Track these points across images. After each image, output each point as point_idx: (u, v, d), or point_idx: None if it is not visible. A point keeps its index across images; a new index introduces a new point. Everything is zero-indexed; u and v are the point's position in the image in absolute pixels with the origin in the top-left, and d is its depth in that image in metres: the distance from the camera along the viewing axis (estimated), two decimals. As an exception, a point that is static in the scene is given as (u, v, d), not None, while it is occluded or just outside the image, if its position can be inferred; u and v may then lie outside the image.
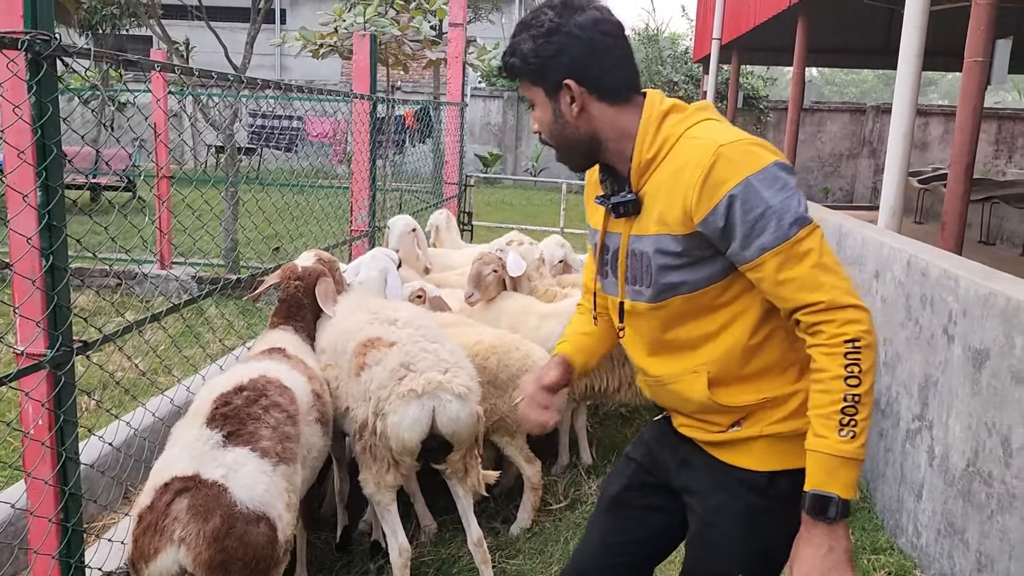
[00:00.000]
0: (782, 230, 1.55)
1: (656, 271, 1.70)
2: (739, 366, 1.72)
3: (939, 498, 3.32)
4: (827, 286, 1.56)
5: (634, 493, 1.96)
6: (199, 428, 2.39)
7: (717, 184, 1.57)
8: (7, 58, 1.95)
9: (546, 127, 1.74)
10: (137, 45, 21.64)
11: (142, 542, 2.16)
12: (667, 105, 1.71)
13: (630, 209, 1.72)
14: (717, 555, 1.78)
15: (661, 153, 1.67)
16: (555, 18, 1.65)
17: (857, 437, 1.54)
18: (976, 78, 5.12)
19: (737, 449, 1.76)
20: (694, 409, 1.79)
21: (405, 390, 2.78)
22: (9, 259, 2.05)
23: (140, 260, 7.92)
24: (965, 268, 3.39)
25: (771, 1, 10.61)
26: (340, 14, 11.20)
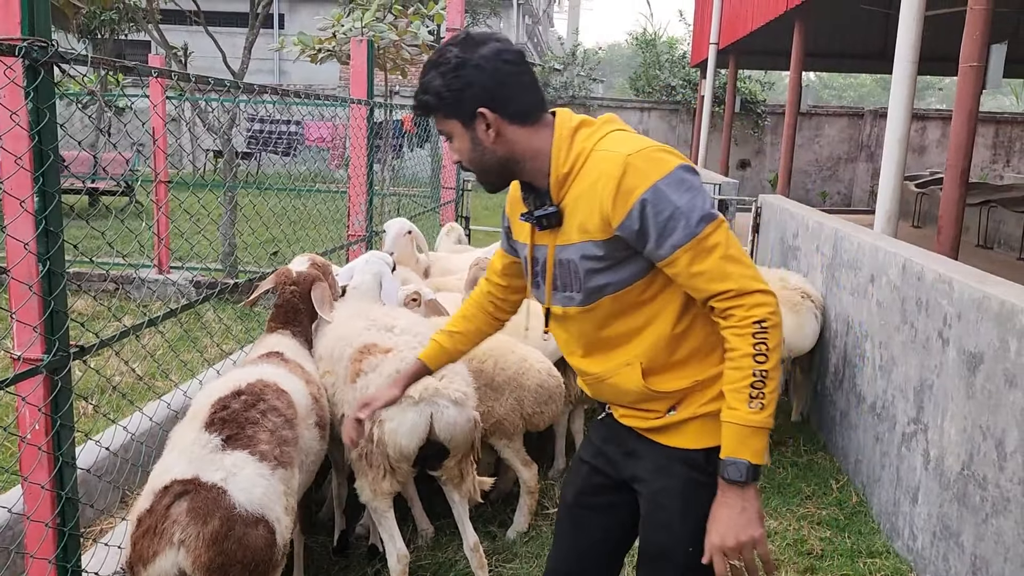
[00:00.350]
0: (690, 228, 1.69)
1: (584, 276, 1.83)
2: (668, 354, 1.86)
3: (935, 501, 3.33)
4: (735, 275, 1.71)
5: (589, 496, 2.08)
6: (197, 432, 2.39)
7: (629, 191, 1.71)
8: (4, 64, 1.96)
9: (465, 155, 1.85)
10: (136, 50, 21.66)
11: (141, 545, 2.16)
12: (576, 121, 1.84)
13: (553, 221, 1.84)
14: (666, 532, 1.90)
15: (576, 166, 1.80)
16: (460, 53, 1.76)
17: (765, 408, 1.70)
18: (971, 83, 5.14)
19: (674, 431, 1.89)
20: (633, 399, 1.91)
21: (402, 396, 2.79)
22: (6, 264, 2.05)
23: (138, 265, 7.92)
24: (959, 272, 3.40)
25: (768, 5, 10.64)
26: (338, 19, 11.22)
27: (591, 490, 2.07)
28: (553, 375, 3.63)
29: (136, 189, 12.07)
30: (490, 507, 3.87)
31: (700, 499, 1.83)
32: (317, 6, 21.51)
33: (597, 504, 2.06)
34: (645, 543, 1.97)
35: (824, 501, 4.12)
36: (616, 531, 2.07)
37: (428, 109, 1.82)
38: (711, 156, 16.08)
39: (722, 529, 1.72)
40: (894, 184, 5.50)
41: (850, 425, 4.41)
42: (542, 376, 3.56)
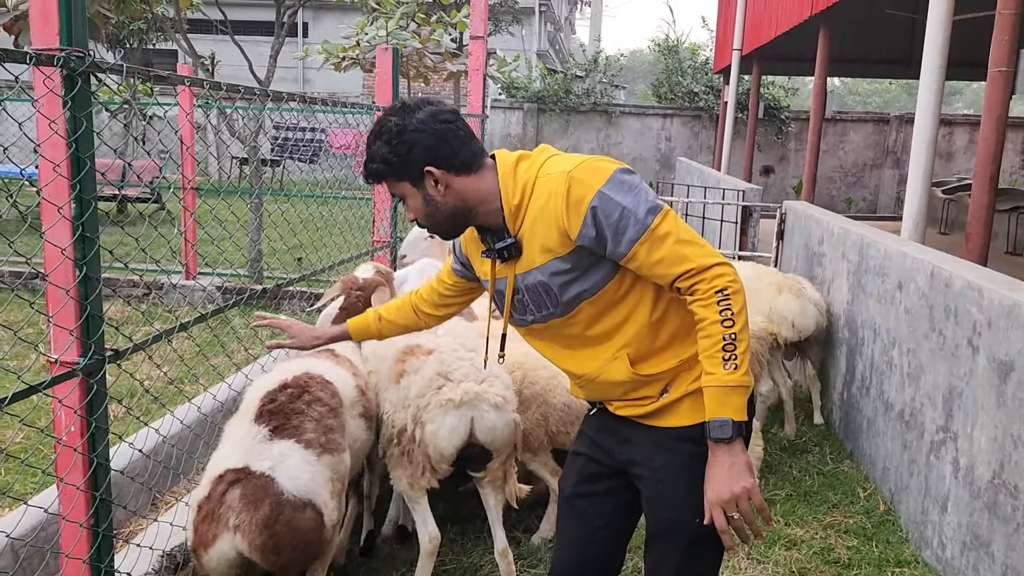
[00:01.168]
0: (640, 222, 1.83)
1: (558, 290, 1.94)
2: (651, 340, 1.98)
3: (964, 510, 3.29)
4: (691, 256, 1.84)
5: (586, 485, 2.17)
6: (248, 425, 2.59)
7: (578, 202, 1.84)
8: (43, 74, 2.01)
9: (420, 212, 1.99)
10: (163, 59, 21.96)
11: (201, 529, 2.36)
12: (515, 157, 1.98)
13: (513, 252, 1.96)
14: (672, 507, 2.00)
15: (525, 196, 1.93)
16: (399, 121, 1.90)
17: (739, 368, 1.82)
18: (1000, 88, 5.09)
19: (669, 413, 2.00)
20: (626, 390, 2.02)
21: (443, 400, 2.88)
22: (44, 269, 2.10)
23: (168, 271, 8.02)
24: (989, 279, 3.37)
25: (792, 11, 10.59)
26: (362, 27, 11.33)
27: (588, 479, 2.17)
28: None
29: (165, 196, 12.22)
30: (515, 512, 3.87)
31: (702, 471, 1.92)
32: (341, 15, 21.69)
33: (595, 491, 2.15)
34: (654, 522, 2.06)
35: (851, 509, 4.08)
36: (616, 515, 2.16)
37: (380, 176, 1.96)
38: (734, 162, 16.00)
39: (717, 485, 1.83)
40: (922, 190, 5.45)
41: (877, 433, 4.37)
42: (570, 396, 3.51)
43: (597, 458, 2.15)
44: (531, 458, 3.58)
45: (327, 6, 21.68)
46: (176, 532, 2.75)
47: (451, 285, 2.31)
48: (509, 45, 23.98)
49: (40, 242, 2.09)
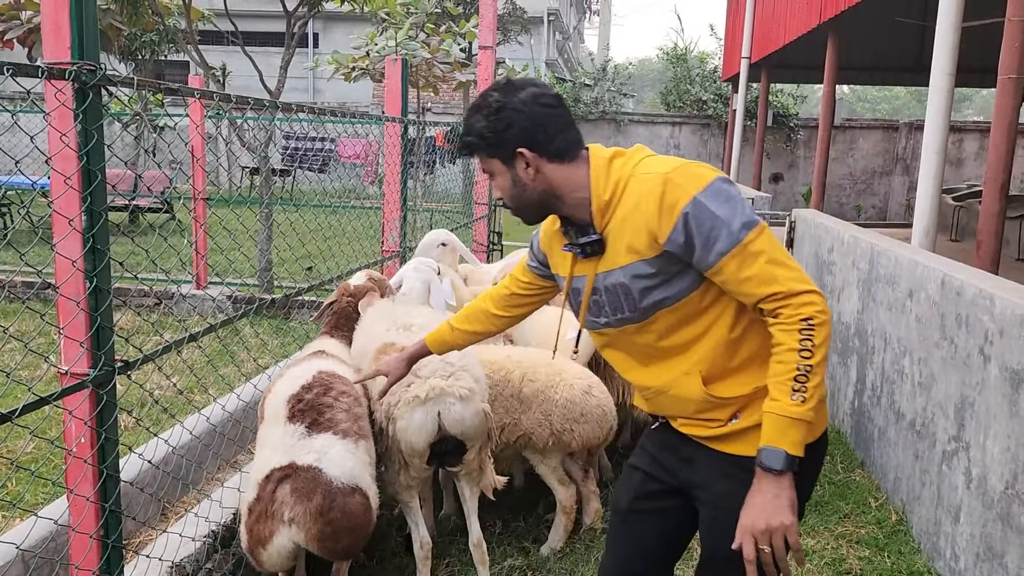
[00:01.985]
0: (733, 235, 1.77)
1: (638, 294, 1.90)
2: (726, 359, 1.92)
3: (977, 521, 3.26)
4: (781, 278, 1.77)
5: (643, 502, 2.13)
6: (283, 427, 2.69)
7: (671, 206, 1.79)
8: (55, 88, 2.02)
9: (507, 191, 1.96)
10: (175, 70, 22.12)
11: (256, 530, 2.46)
12: (610, 152, 1.94)
13: (597, 249, 1.92)
14: (732, 537, 1.90)
15: (616, 193, 1.88)
16: (500, 98, 1.89)
17: (807, 401, 1.75)
18: (1010, 95, 5.07)
19: (738, 439, 1.93)
20: (695, 409, 1.96)
21: (411, 397, 2.97)
22: (54, 281, 2.11)
23: (177, 281, 8.06)
24: (1001, 287, 3.34)
25: (801, 19, 10.59)
26: (372, 38, 11.38)
27: (646, 496, 2.12)
28: (592, 394, 3.56)
29: (175, 206, 12.29)
30: (524, 523, 3.86)
31: None
32: (351, 25, 21.81)
33: (651, 509, 2.11)
34: (710, 547, 2.00)
35: (863, 520, 4.05)
36: (669, 536, 2.13)
37: (472, 149, 1.95)
38: (743, 170, 15.98)
39: (754, 513, 1.76)
40: (932, 197, 5.43)
41: (888, 442, 4.34)
42: (574, 392, 3.50)
43: (656, 475, 2.11)
44: (540, 460, 3.57)
45: (337, 17, 21.81)
46: (185, 543, 2.76)
47: (526, 284, 2.29)
48: (518, 54, 24.04)
49: (52, 253, 2.11)
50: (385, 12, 11.74)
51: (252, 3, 20.24)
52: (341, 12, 9.97)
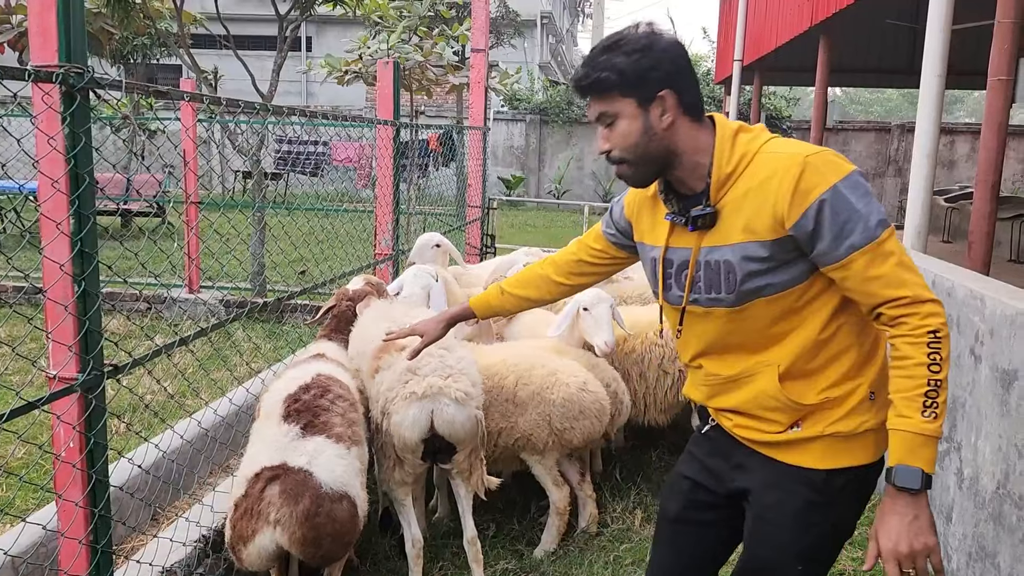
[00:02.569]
0: (869, 231, 1.68)
1: (741, 277, 1.79)
2: (807, 360, 1.83)
3: (969, 521, 3.27)
4: (910, 283, 1.69)
5: (692, 512, 2.06)
6: (277, 425, 2.69)
7: (807, 190, 1.69)
8: (42, 91, 2.02)
9: (632, 139, 1.79)
10: (167, 74, 22.08)
11: (240, 526, 2.46)
12: (736, 125, 1.84)
13: (708, 222, 1.81)
14: (777, 550, 1.89)
15: (740, 168, 1.78)
16: (646, 38, 1.76)
17: (938, 418, 1.66)
18: (1000, 97, 5.09)
19: (797, 449, 1.86)
20: (759, 406, 1.88)
21: (407, 392, 3.00)
22: (43, 285, 2.10)
23: (169, 284, 8.04)
24: (991, 288, 3.35)
25: (793, 22, 10.62)
26: (364, 41, 11.37)
27: (694, 506, 2.06)
28: (588, 390, 3.58)
29: (168, 210, 12.27)
30: (518, 524, 3.86)
31: (815, 519, 1.84)
32: (344, 28, 21.81)
33: (701, 520, 2.05)
34: (752, 557, 1.95)
35: (856, 521, 4.06)
36: (717, 547, 2.09)
37: (603, 86, 1.77)
38: (737, 172, 15.97)
39: (894, 536, 1.68)
40: (923, 199, 5.44)
41: (881, 443, 4.35)
42: (570, 390, 3.52)
43: (706, 484, 2.04)
44: (537, 460, 3.57)
45: (330, 20, 21.80)
46: (176, 548, 2.75)
47: (598, 251, 2.19)
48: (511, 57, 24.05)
49: (39, 257, 2.10)
50: (378, 15, 11.73)
51: (245, 7, 20.22)
52: (334, 16, 9.98)
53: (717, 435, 2.01)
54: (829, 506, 1.84)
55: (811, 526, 1.83)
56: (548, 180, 20.79)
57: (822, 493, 1.83)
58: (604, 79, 1.76)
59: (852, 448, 1.85)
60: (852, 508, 1.91)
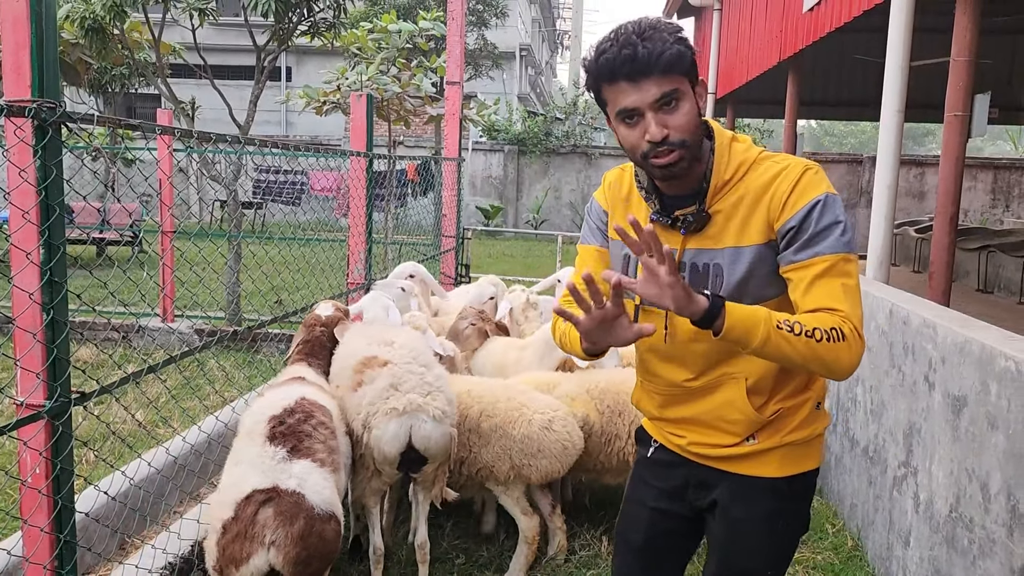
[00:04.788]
0: (840, 243, 1.72)
1: (727, 281, 1.81)
2: (771, 374, 1.87)
3: (925, 544, 3.34)
4: (852, 306, 1.70)
5: (660, 539, 2.09)
6: (261, 446, 2.74)
7: (805, 191, 1.75)
8: (15, 125, 2.07)
9: (694, 122, 1.76)
10: (146, 103, 22.11)
11: (231, 549, 2.51)
12: (730, 133, 1.88)
13: (699, 224, 1.82)
14: (751, 558, 1.96)
15: (737, 175, 1.82)
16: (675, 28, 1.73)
17: (769, 342, 1.63)
18: (957, 132, 5.26)
19: (756, 461, 1.92)
20: (720, 417, 1.91)
21: (388, 408, 3.12)
22: (11, 313, 2.14)
23: (141, 314, 8.02)
24: (943, 317, 3.46)
25: (763, 56, 10.87)
26: (343, 72, 11.50)
27: (660, 534, 2.08)
28: (552, 428, 3.55)
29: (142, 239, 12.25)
30: (486, 551, 3.89)
31: (783, 524, 1.93)
32: (324, 59, 21.98)
33: (668, 545, 2.09)
34: (726, 568, 1.99)
35: (820, 546, 4.12)
36: (684, 558, 2.15)
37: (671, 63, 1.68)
38: (711, 203, 16.20)
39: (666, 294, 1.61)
40: (884, 229, 5.59)
41: (845, 469, 4.43)
42: (531, 428, 3.51)
43: (668, 509, 2.06)
44: (502, 492, 3.60)
45: (310, 51, 21.97)
46: (141, 574, 2.76)
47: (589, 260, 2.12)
48: (490, 88, 24.31)
49: (8, 286, 2.14)
50: (357, 47, 11.87)
51: (224, 37, 20.36)
52: (313, 47, 10.09)
53: (667, 457, 2.04)
54: (793, 510, 1.95)
55: (780, 531, 1.92)
56: (526, 210, 20.97)
57: (786, 499, 1.91)
58: (677, 54, 1.69)
59: (806, 454, 1.94)
60: (807, 505, 2.03)
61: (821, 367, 1.68)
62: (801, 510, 2.01)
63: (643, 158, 1.77)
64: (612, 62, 1.70)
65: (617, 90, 1.73)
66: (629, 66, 1.68)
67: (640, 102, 1.71)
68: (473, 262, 8.83)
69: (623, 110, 1.74)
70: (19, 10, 2.06)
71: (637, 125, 1.74)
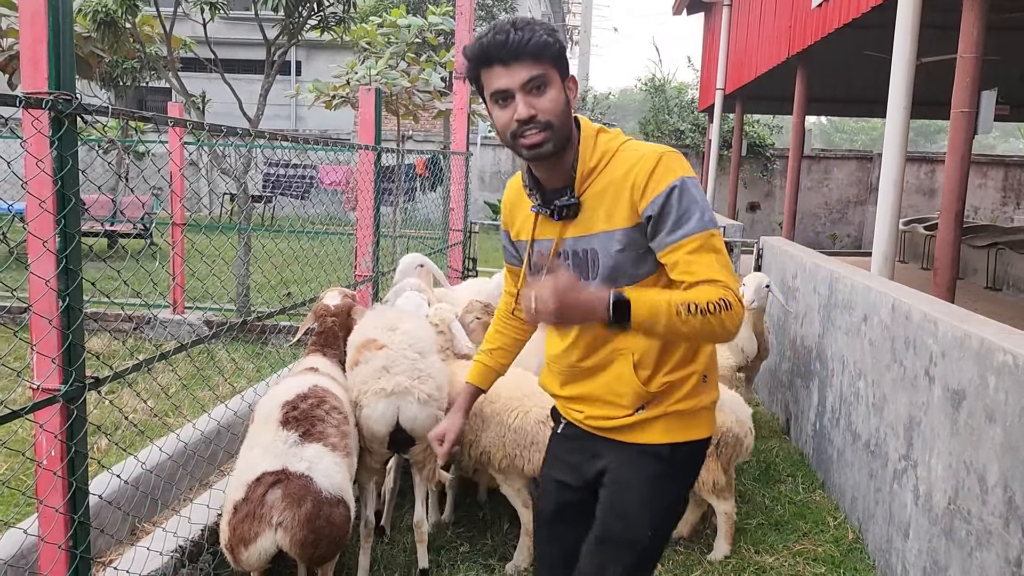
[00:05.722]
0: (703, 222, 1.86)
1: (603, 264, 1.95)
2: (655, 349, 2.00)
3: (924, 537, 3.38)
4: (727, 276, 1.84)
5: (565, 511, 2.21)
6: (275, 431, 2.82)
7: (661, 178, 1.87)
8: (32, 116, 2.13)
9: (560, 107, 1.90)
10: (157, 96, 22.22)
11: (241, 529, 2.58)
12: (597, 127, 2.02)
13: (572, 212, 1.97)
14: (630, 520, 2.04)
15: (602, 163, 1.96)
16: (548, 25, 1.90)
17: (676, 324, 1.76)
18: (963, 128, 5.28)
19: (642, 429, 2.04)
20: (612, 392, 2.04)
21: (378, 388, 3.25)
22: (28, 301, 2.20)
23: (153, 305, 8.10)
24: (944, 311, 3.49)
25: (771, 52, 10.87)
26: (352, 67, 11.54)
27: (566, 507, 2.21)
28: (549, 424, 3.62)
29: (153, 232, 12.34)
30: (491, 540, 3.94)
31: (664, 489, 2.03)
32: (334, 54, 22.03)
33: (573, 517, 2.19)
34: (605, 528, 2.07)
35: (821, 538, 4.16)
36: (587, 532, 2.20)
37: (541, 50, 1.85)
38: (720, 199, 16.24)
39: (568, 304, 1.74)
40: (889, 226, 5.61)
41: (846, 463, 4.46)
42: (527, 420, 3.55)
43: (571, 483, 2.18)
44: (502, 481, 3.64)
45: (320, 45, 22.02)
46: (152, 557, 2.82)
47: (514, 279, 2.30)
48: (499, 84, 24.24)
49: (24, 277, 2.20)
50: (366, 41, 11.92)
51: (235, 31, 20.43)
52: (323, 41, 10.13)
53: (571, 432, 2.19)
54: (675, 477, 2.06)
55: (660, 497, 2.02)
56: (534, 205, 20.92)
57: (670, 464, 2.02)
58: (548, 42, 1.85)
59: (690, 424, 2.06)
60: (690, 479, 2.16)
61: (710, 337, 1.83)
62: (684, 480, 2.12)
63: (512, 138, 1.91)
64: (487, 47, 1.86)
65: (491, 74, 1.89)
66: (502, 50, 1.84)
67: (511, 83, 1.87)
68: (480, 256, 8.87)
69: (496, 91, 1.89)
70: (37, 5, 2.11)
71: (508, 107, 1.89)
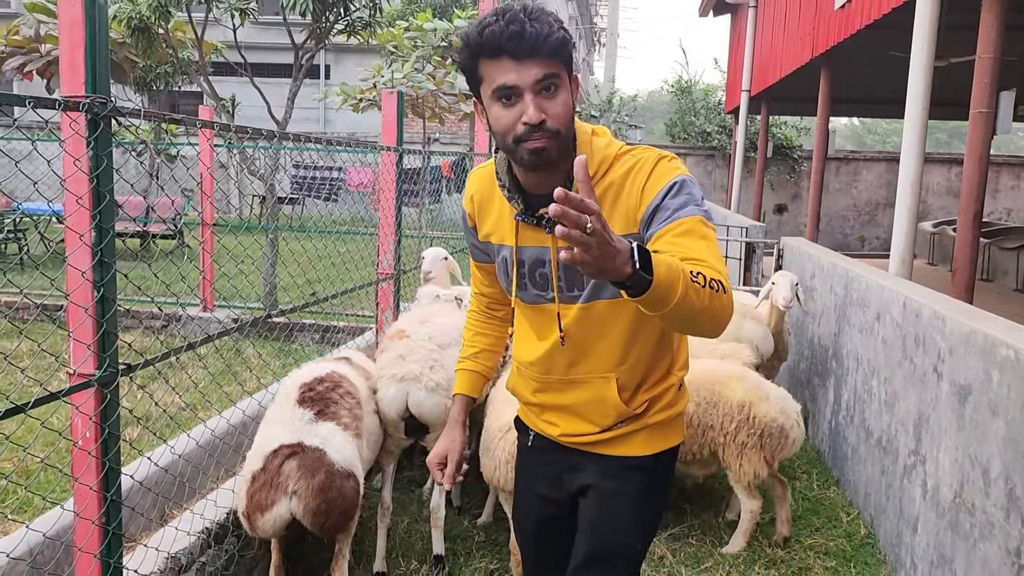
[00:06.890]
0: (698, 210, 1.70)
1: None
2: (639, 371, 1.95)
3: (931, 530, 3.43)
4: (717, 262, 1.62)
5: (548, 526, 2.16)
6: (292, 409, 3.03)
7: (659, 179, 1.76)
8: (70, 118, 2.27)
9: (570, 112, 1.74)
10: (189, 100, 22.61)
11: (258, 496, 2.77)
12: (590, 128, 1.88)
13: None
14: (620, 534, 2.00)
15: (600, 171, 1.83)
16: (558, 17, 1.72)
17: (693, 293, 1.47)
18: (981, 129, 5.28)
19: (623, 442, 2.00)
20: (590, 409, 1.98)
21: (391, 374, 3.47)
22: (65, 290, 2.35)
23: (185, 303, 8.31)
24: (952, 308, 3.54)
25: (796, 54, 10.87)
26: (379, 70, 11.72)
27: (548, 521, 2.15)
28: None
29: (185, 232, 12.62)
30: (507, 531, 4.04)
31: (650, 499, 2.01)
32: (361, 57, 22.27)
33: (555, 531, 2.13)
34: (597, 544, 2.00)
35: (833, 533, 4.22)
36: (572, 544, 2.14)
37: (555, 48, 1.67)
38: (745, 200, 16.20)
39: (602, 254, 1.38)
40: (907, 227, 5.64)
41: (860, 459, 4.51)
42: None
43: (551, 496, 2.11)
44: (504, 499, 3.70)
45: (347, 49, 22.28)
46: (180, 537, 2.96)
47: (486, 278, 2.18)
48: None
49: (62, 274, 2.34)
50: (393, 45, 12.10)
51: (264, 36, 20.76)
52: (351, 45, 10.30)
53: (543, 444, 2.11)
54: (658, 487, 2.04)
55: (648, 507, 2.00)
56: (560, 207, 20.99)
57: (654, 475, 2.00)
58: (565, 40, 1.67)
59: (669, 432, 2.04)
60: (669, 485, 2.18)
61: (714, 318, 1.54)
62: (665, 486, 2.11)
63: (515, 142, 1.72)
64: (498, 36, 1.65)
65: (498, 66, 1.68)
66: (516, 43, 1.64)
67: (521, 81, 1.67)
68: (503, 256, 8.99)
69: (502, 87, 1.68)
70: (76, 13, 2.25)
71: (514, 106, 1.69)
